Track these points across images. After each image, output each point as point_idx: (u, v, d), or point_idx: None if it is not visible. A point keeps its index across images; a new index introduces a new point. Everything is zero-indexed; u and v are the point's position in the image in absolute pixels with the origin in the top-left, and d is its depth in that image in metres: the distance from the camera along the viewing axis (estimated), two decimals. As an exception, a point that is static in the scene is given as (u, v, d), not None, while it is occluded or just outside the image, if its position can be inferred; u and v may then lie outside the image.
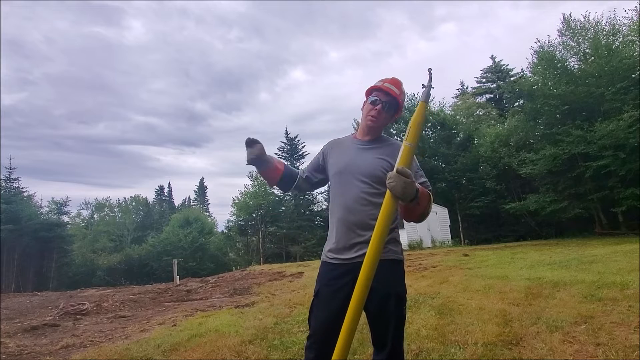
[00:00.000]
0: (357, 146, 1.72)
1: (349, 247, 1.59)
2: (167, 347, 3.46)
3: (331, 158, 1.76)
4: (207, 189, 66.43)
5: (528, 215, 22.06)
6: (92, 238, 39.61)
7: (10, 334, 4.99)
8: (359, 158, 1.66)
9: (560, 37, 19.21)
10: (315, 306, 1.62)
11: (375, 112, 1.65)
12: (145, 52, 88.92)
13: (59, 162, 74.48)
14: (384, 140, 1.73)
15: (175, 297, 8.67)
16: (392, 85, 1.66)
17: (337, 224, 1.64)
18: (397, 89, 1.66)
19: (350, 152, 1.71)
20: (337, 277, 1.56)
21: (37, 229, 27.97)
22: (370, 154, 1.67)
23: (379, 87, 1.67)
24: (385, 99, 1.65)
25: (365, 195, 1.59)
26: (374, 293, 1.49)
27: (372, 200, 1.58)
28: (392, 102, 1.66)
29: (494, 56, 34.73)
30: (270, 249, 35.48)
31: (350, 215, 1.60)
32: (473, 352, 2.73)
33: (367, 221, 1.56)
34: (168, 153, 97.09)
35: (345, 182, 1.63)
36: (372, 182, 1.60)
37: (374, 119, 1.66)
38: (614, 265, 6.51)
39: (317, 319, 1.59)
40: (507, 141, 23.24)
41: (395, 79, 1.70)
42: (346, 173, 1.65)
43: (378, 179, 1.59)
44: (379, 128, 1.71)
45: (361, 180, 1.61)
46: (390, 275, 1.56)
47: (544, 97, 18.48)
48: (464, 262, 9.32)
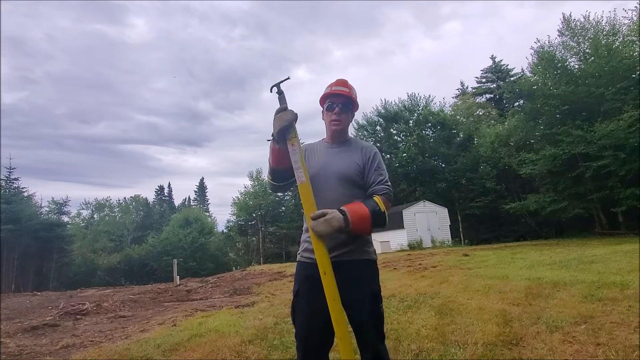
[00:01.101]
0: (328, 150, 1.80)
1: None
2: (167, 347, 3.46)
3: (308, 162, 1.78)
4: (207, 189, 66.58)
5: (528, 215, 22.06)
6: (92, 238, 39.66)
7: (10, 334, 4.99)
8: (332, 160, 1.73)
9: (560, 37, 19.23)
10: (297, 305, 1.66)
11: (335, 116, 1.75)
12: (148, 50, 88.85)
13: (59, 162, 74.56)
14: (352, 142, 1.82)
15: (175, 297, 8.68)
16: (340, 87, 1.76)
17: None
18: (346, 87, 1.76)
19: (323, 156, 1.78)
20: (314, 275, 1.54)
21: (37, 229, 27.98)
22: (342, 156, 1.75)
23: (329, 93, 1.76)
24: (339, 101, 1.74)
25: (340, 196, 1.64)
26: (351, 293, 1.54)
27: (346, 201, 1.61)
28: (346, 102, 1.75)
29: (494, 56, 34.80)
30: (270, 249, 35.51)
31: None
32: (473, 352, 2.73)
33: None
34: (169, 153, 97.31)
35: (321, 184, 1.67)
36: (345, 184, 1.68)
37: (337, 122, 1.75)
38: (614, 265, 6.50)
39: (299, 318, 1.64)
40: (507, 141, 23.25)
41: (340, 80, 1.80)
42: (320, 175, 1.69)
43: (351, 179, 1.69)
44: (344, 129, 1.79)
45: (335, 182, 1.67)
46: (365, 275, 1.62)
47: (544, 97, 18.49)
48: (464, 262, 9.32)
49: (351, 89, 1.77)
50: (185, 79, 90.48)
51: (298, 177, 1.55)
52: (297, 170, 1.55)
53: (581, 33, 18.30)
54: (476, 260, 9.66)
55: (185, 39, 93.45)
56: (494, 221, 25.61)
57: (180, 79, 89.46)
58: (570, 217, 18.56)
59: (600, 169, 16.12)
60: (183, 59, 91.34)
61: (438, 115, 28.56)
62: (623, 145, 15.21)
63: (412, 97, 30.43)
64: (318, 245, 1.47)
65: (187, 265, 31.24)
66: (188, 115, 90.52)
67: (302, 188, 1.54)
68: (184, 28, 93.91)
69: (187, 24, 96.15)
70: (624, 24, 17.45)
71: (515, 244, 16.63)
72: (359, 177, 1.70)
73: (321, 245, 1.47)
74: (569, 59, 18.91)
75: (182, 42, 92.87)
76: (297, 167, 1.55)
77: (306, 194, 1.54)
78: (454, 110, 31.46)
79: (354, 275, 1.59)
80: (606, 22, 17.67)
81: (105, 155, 80.00)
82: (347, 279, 1.55)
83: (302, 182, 1.54)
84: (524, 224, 23.57)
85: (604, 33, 17.62)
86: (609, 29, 17.57)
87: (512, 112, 24.73)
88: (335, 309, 1.42)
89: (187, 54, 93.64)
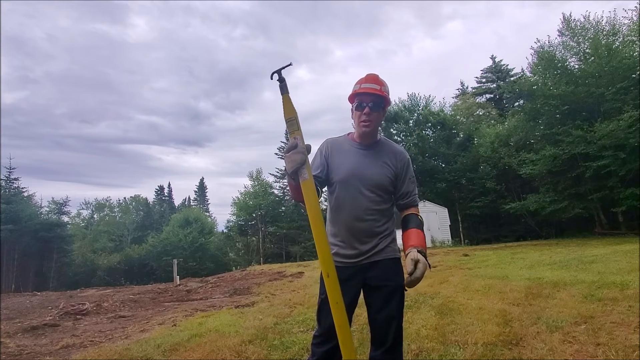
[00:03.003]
0: (358, 150, 1.72)
1: (355, 252, 1.66)
2: (167, 347, 3.46)
3: (333, 161, 1.72)
4: (207, 189, 66.52)
5: (528, 215, 22.06)
6: (92, 238, 39.66)
7: (10, 334, 4.99)
8: (363, 165, 1.67)
9: (560, 37, 19.22)
10: (325, 305, 1.64)
11: (365, 116, 1.65)
12: (148, 50, 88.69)
13: (59, 162, 74.47)
14: (383, 144, 1.74)
15: (175, 297, 8.67)
16: (369, 84, 1.65)
17: (343, 229, 1.68)
18: (376, 84, 1.65)
19: (353, 158, 1.70)
20: (344, 278, 1.58)
21: (37, 229, 27.97)
22: (373, 160, 1.68)
23: (357, 92, 1.66)
24: (369, 100, 1.64)
25: (373, 204, 1.64)
26: (380, 290, 1.59)
27: (378, 209, 1.65)
28: (377, 100, 1.65)
29: (494, 56, 34.77)
30: (270, 249, 35.47)
31: (358, 223, 1.65)
32: (473, 352, 2.73)
33: (373, 229, 1.65)
34: (170, 152, 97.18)
35: (352, 190, 1.65)
36: (378, 192, 1.65)
37: (367, 124, 1.65)
38: (614, 265, 6.51)
39: (326, 318, 1.61)
40: (507, 141, 23.23)
41: (369, 75, 1.68)
42: (352, 181, 1.65)
43: (384, 188, 1.66)
44: (374, 130, 1.70)
45: (368, 190, 1.64)
46: (394, 274, 1.65)
47: (544, 97, 18.48)
48: (464, 262, 9.32)
49: (382, 85, 1.66)
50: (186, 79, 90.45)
51: (301, 175, 1.45)
52: (301, 168, 1.47)
53: (581, 33, 18.29)
54: (476, 260, 9.66)
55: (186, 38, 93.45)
56: (494, 221, 25.61)
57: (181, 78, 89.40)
58: (570, 217, 18.56)
59: (600, 169, 16.12)
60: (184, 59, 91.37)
61: (438, 115, 28.54)
62: (623, 145, 15.21)
63: (412, 97, 30.42)
64: (323, 249, 1.43)
65: (187, 265, 31.21)
66: (189, 115, 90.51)
67: (305, 185, 1.45)
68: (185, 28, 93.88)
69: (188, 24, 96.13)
70: (624, 24, 17.46)
71: (515, 244, 16.62)
72: (391, 184, 1.68)
73: (325, 248, 1.43)
74: (569, 59, 18.91)
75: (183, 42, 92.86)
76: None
77: (310, 191, 1.45)
78: (454, 110, 31.44)
79: (384, 274, 1.64)
80: (606, 22, 17.68)
81: (105, 155, 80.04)
82: (377, 276, 1.63)
83: (304, 180, 1.45)
84: (524, 224, 23.57)
85: (604, 33, 17.61)
86: (609, 29, 17.56)
87: (512, 112, 24.73)
88: (338, 314, 1.40)
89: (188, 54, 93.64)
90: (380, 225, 1.67)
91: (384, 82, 1.68)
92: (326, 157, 1.75)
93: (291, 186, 1.52)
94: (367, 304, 1.67)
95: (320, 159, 1.77)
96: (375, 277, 1.63)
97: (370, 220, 1.64)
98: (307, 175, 1.44)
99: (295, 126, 1.43)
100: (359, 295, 1.68)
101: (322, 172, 1.71)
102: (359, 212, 1.63)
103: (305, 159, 1.42)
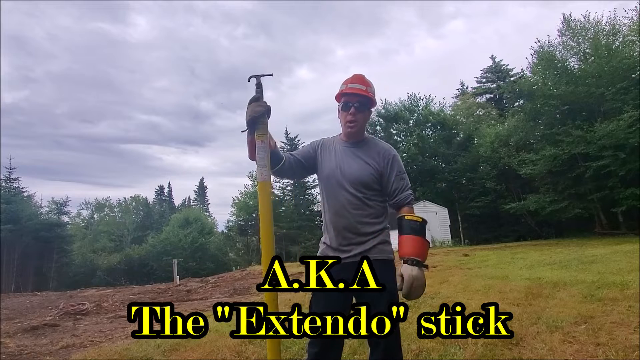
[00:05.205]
0: (344, 149, 1.74)
1: (341, 249, 1.65)
2: (167, 347, 3.46)
3: (322, 159, 1.76)
4: (207, 188, 66.41)
5: (528, 215, 22.07)
6: (92, 238, 39.72)
7: (10, 334, 4.99)
8: (346, 163, 1.69)
9: (560, 37, 19.25)
10: (314, 303, 1.66)
11: (350, 116, 1.67)
12: (149, 49, 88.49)
13: (59, 162, 74.58)
14: (369, 142, 1.76)
15: (175, 297, 8.68)
16: (355, 84, 1.67)
17: (329, 226, 1.70)
18: (363, 85, 1.67)
19: (337, 156, 1.73)
20: (332, 277, 1.59)
21: (37, 229, 27.98)
22: (356, 158, 1.70)
23: (344, 91, 1.68)
24: (355, 100, 1.66)
25: (355, 200, 1.64)
26: (368, 292, 1.55)
27: (359, 205, 1.63)
28: (363, 100, 1.67)
29: (494, 56, 34.73)
30: (270, 249, 35.39)
31: (340, 219, 1.65)
32: (473, 352, 2.73)
33: (355, 225, 1.63)
34: (171, 152, 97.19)
35: (334, 187, 1.67)
36: (361, 189, 1.65)
37: (352, 125, 1.68)
38: (614, 265, 6.51)
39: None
40: (507, 141, 23.24)
41: (356, 75, 1.71)
42: (334, 178, 1.68)
43: (367, 185, 1.65)
44: (360, 130, 1.72)
45: (349, 185, 1.65)
46: (381, 275, 1.59)
47: (544, 97, 18.49)
48: (464, 262, 9.32)
49: (368, 86, 1.68)
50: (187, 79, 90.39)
51: (261, 174, 1.45)
52: (261, 167, 1.46)
53: (581, 33, 18.31)
54: (476, 260, 9.67)
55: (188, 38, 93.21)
56: (494, 221, 25.60)
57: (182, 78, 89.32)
58: (570, 217, 18.57)
59: (600, 169, 16.13)
60: (185, 58, 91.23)
61: (438, 115, 28.55)
62: (623, 145, 15.22)
63: (412, 97, 30.43)
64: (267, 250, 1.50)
65: (187, 265, 31.22)
66: (190, 114, 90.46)
67: (262, 186, 1.47)
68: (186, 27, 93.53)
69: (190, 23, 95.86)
70: (624, 24, 17.49)
71: (515, 244, 16.63)
72: (375, 182, 1.67)
73: (270, 250, 1.50)
74: (569, 59, 18.94)
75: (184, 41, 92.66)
76: (262, 164, 1.47)
77: (265, 193, 1.47)
78: (454, 110, 31.43)
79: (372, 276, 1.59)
80: (606, 22, 17.72)
81: (105, 155, 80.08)
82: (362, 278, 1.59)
83: (264, 180, 1.46)
84: (524, 224, 23.58)
85: (604, 33, 17.63)
86: (609, 29, 17.58)
87: (512, 112, 24.73)
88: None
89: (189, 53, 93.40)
90: (366, 224, 1.64)
91: (370, 83, 1.71)
92: (315, 150, 1.79)
93: (248, 142, 1.53)
94: (357, 304, 1.65)
95: (309, 147, 1.82)
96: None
97: (351, 215, 1.63)
98: (267, 177, 1.46)
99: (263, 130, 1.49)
100: (351, 297, 1.64)
101: (304, 157, 1.76)
102: (339, 207, 1.64)
103: (266, 111, 1.46)
